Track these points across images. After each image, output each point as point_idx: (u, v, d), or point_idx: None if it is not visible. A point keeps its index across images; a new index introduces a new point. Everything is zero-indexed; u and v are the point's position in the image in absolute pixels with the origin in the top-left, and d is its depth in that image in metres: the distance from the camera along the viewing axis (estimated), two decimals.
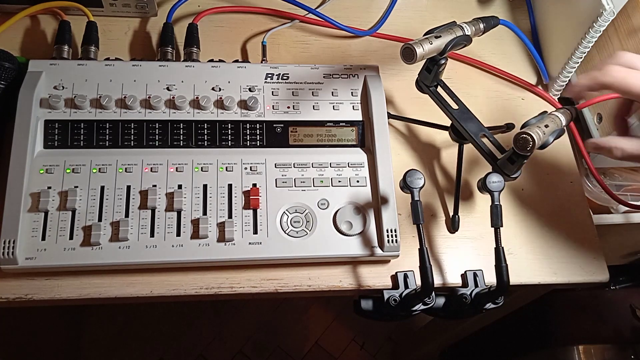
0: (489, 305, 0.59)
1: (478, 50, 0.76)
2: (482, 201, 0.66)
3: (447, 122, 0.65)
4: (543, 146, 0.54)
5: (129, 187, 0.57)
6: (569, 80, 0.73)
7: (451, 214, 0.65)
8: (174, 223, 0.56)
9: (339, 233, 0.58)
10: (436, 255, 0.62)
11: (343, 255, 0.58)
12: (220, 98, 0.61)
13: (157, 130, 0.60)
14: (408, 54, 0.55)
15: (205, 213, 0.57)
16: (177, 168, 0.58)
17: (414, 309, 0.58)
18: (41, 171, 0.56)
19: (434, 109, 0.64)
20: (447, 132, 0.66)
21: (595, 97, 0.70)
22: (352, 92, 0.65)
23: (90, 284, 0.56)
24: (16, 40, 0.68)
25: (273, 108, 0.63)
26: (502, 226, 0.56)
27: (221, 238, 0.56)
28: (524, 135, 0.52)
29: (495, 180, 0.57)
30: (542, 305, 0.93)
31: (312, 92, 0.64)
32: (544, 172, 0.70)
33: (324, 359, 1.42)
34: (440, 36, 0.57)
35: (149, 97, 0.60)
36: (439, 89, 0.63)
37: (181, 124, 0.60)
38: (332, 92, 0.65)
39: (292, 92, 0.64)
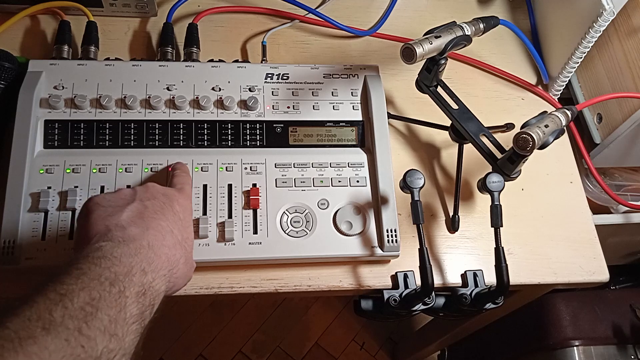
0: (489, 305, 0.59)
1: (478, 50, 0.76)
2: (482, 201, 0.66)
3: (447, 122, 0.65)
4: (543, 146, 0.54)
5: (128, 187, 0.57)
6: (569, 80, 0.73)
7: (451, 214, 0.65)
8: None
9: (339, 233, 0.58)
10: (436, 255, 0.62)
11: (343, 255, 0.58)
12: (220, 98, 0.61)
13: (157, 130, 0.60)
14: (408, 54, 0.55)
15: (205, 213, 0.57)
16: None
17: (414, 308, 0.58)
18: (41, 171, 0.56)
19: (434, 109, 0.64)
20: (447, 132, 0.66)
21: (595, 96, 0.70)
22: (352, 92, 0.65)
23: None
24: (16, 40, 0.68)
25: (273, 108, 0.63)
26: (502, 226, 0.56)
27: (221, 238, 0.56)
28: (524, 135, 0.52)
29: (495, 180, 0.57)
30: (542, 305, 0.93)
31: (312, 92, 0.64)
32: (544, 172, 0.70)
33: (323, 359, 1.42)
34: (440, 36, 0.57)
35: (149, 97, 0.60)
36: (439, 89, 0.63)
37: (181, 124, 0.60)
38: (332, 92, 0.65)
39: (292, 92, 0.64)
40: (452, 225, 0.64)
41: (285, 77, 0.64)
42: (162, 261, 0.43)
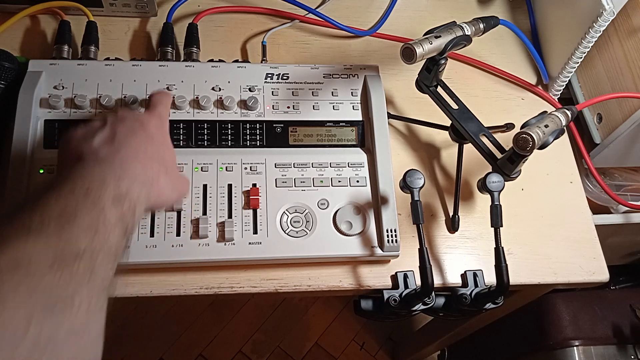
0: (489, 305, 0.59)
1: (478, 50, 0.76)
2: (482, 201, 0.66)
3: (447, 122, 0.65)
4: (543, 146, 0.54)
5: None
6: (569, 80, 0.73)
7: (451, 214, 0.65)
8: (174, 223, 0.56)
9: (339, 233, 0.58)
10: (436, 255, 0.62)
11: (343, 255, 0.58)
12: (220, 98, 0.61)
13: None
14: (408, 54, 0.55)
15: (205, 213, 0.57)
16: None
17: (414, 309, 0.58)
18: (41, 171, 0.56)
19: (434, 109, 0.64)
20: (447, 132, 0.66)
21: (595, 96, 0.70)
22: (352, 92, 0.65)
23: None
24: (16, 40, 0.68)
25: (273, 108, 0.63)
26: (502, 226, 0.56)
27: (221, 238, 0.56)
28: (524, 135, 0.52)
29: (495, 180, 0.57)
30: (542, 305, 0.93)
31: (312, 92, 0.64)
32: (544, 172, 0.70)
33: (324, 359, 1.42)
34: (440, 36, 0.57)
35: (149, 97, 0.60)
36: (439, 89, 0.63)
37: (181, 124, 0.60)
38: (332, 92, 0.65)
39: (292, 92, 0.64)
40: (452, 225, 0.64)
41: (285, 77, 0.64)
42: (137, 172, 0.44)
